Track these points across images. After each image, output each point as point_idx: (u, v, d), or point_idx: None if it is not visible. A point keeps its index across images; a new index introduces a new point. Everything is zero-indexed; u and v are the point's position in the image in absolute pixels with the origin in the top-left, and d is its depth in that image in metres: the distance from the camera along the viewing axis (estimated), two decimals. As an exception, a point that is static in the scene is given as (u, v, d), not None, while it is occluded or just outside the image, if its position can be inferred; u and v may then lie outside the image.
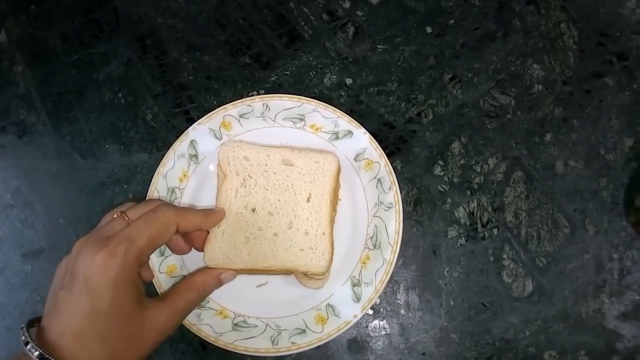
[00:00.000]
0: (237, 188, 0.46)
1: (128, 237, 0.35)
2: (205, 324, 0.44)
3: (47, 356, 0.31)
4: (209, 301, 0.46)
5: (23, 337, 0.32)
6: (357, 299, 0.45)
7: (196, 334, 0.44)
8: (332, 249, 0.45)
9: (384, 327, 0.48)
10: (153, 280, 0.45)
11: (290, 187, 0.46)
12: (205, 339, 0.44)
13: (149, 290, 0.42)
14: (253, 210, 0.45)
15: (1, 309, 0.50)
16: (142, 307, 0.35)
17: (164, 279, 0.46)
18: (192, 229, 0.41)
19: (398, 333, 0.47)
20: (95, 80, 0.56)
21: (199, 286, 0.41)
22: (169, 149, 0.49)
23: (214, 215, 0.44)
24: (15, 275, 0.51)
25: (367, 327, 0.48)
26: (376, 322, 0.48)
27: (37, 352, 0.31)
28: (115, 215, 0.38)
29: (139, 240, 0.35)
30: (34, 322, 0.35)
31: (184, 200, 0.48)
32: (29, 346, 0.32)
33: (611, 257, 0.48)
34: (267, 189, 0.46)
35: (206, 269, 0.43)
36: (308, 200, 0.46)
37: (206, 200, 0.48)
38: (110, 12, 0.58)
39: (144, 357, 0.36)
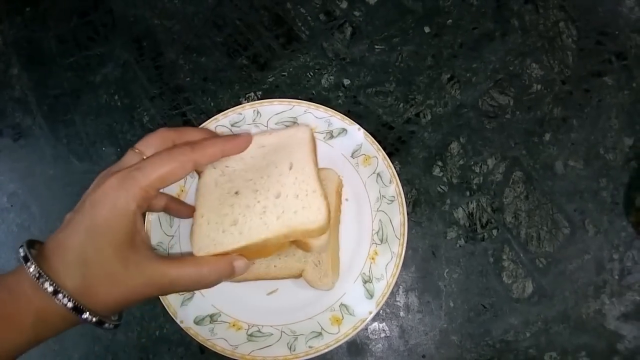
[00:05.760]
0: (216, 179, 0.43)
1: (141, 168, 0.35)
2: (220, 337, 0.44)
3: (39, 270, 0.31)
4: (220, 314, 0.45)
5: (22, 252, 0.32)
6: (370, 295, 0.45)
7: (211, 348, 0.43)
8: (328, 203, 0.41)
9: (384, 330, 0.47)
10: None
11: (270, 163, 0.43)
12: (221, 353, 0.43)
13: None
14: (237, 193, 0.42)
15: (-2, 314, 0.50)
16: (133, 245, 0.34)
17: (173, 296, 0.45)
18: (215, 160, 0.41)
19: (398, 335, 0.47)
20: (91, 82, 0.56)
21: (204, 267, 0.37)
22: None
23: (236, 140, 0.41)
24: (12, 280, 0.51)
25: (366, 329, 0.47)
26: (375, 324, 0.47)
27: (31, 265, 0.32)
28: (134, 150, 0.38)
29: (151, 175, 0.35)
30: (35, 244, 0.35)
31: None
32: (21, 249, 0.33)
33: (611, 257, 0.48)
34: (247, 171, 0.43)
35: (219, 257, 0.39)
36: (290, 168, 0.42)
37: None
38: (106, 14, 0.58)
39: (114, 302, 0.34)
